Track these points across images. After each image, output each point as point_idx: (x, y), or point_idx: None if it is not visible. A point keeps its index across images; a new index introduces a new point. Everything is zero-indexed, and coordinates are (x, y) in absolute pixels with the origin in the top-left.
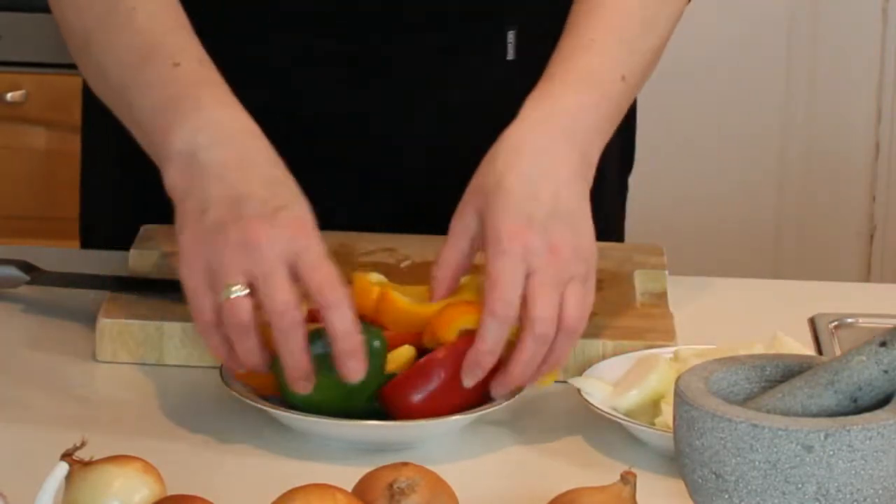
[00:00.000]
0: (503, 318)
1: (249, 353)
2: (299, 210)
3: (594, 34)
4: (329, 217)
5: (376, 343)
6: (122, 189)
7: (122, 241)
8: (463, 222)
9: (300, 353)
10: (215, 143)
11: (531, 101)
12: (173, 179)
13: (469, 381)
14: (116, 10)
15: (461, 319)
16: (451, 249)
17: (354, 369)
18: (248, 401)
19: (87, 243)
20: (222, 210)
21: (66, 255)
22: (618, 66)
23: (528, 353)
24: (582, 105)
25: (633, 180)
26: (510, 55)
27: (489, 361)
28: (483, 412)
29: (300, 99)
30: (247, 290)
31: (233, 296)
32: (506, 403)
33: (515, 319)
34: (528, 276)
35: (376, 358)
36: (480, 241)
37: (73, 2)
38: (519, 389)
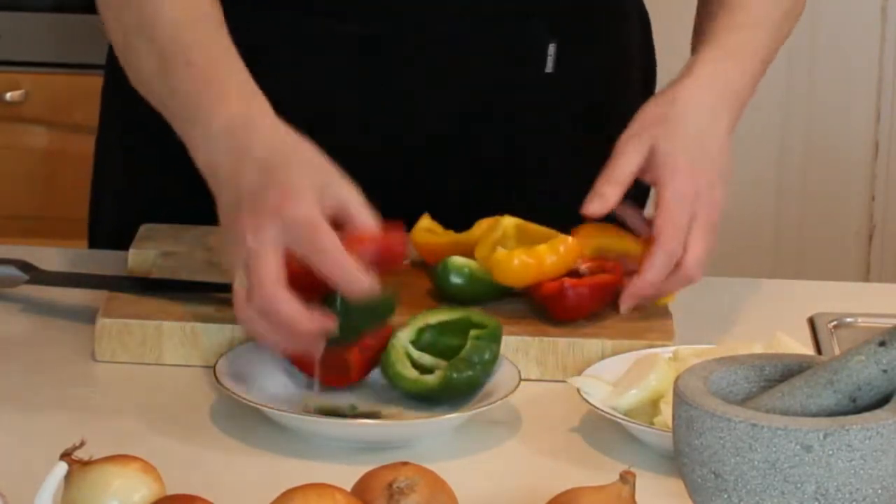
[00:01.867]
0: (671, 253)
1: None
2: (288, 175)
3: (746, 18)
4: None
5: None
6: (131, 191)
7: (129, 241)
8: (639, 145)
9: (344, 261)
10: (222, 144)
11: (698, 62)
12: (206, 178)
13: (627, 307)
14: (143, 13)
15: (599, 238)
16: (625, 165)
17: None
18: (246, 401)
19: (94, 243)
20: (228, 209)
21: (66, 255)
22: (759, 49)
23: (656, 269)
24: (734, 72)
25: None
26: (549, 68)
27: (651, 292)
28: (480, 410)
29: (320, 102)
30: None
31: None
32: (504, 401)
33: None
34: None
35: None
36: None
37: (109, 4)
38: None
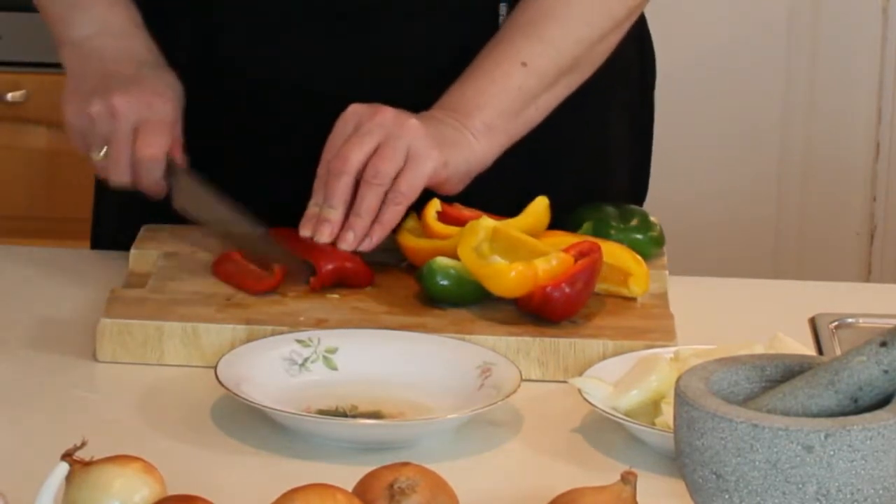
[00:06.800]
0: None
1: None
2: (156, 83)
3: (504, 32)
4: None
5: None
6: (133, 193)
7: (130, 243)
8: None
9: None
10: (100, 34)
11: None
12: (66, 61)
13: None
14: None
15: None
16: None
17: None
18: (247, 401)
19: (96, 245)
20: (94, 83)
21: (67, 255)
22: (518, 55)
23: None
24: (465, 89)
25: None
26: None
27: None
28: (481, 411)
29: (280, 69)
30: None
31: (97, 159)
32: (505, 402)
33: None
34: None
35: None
36: None
37: None
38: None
